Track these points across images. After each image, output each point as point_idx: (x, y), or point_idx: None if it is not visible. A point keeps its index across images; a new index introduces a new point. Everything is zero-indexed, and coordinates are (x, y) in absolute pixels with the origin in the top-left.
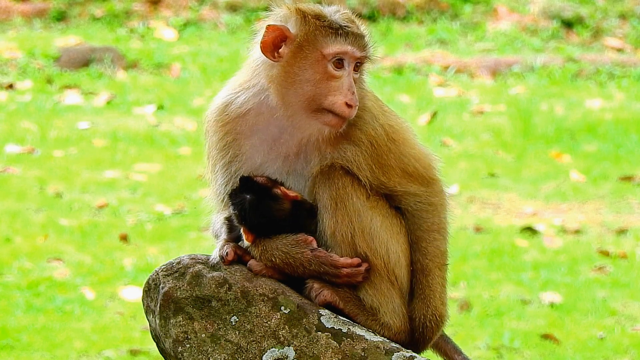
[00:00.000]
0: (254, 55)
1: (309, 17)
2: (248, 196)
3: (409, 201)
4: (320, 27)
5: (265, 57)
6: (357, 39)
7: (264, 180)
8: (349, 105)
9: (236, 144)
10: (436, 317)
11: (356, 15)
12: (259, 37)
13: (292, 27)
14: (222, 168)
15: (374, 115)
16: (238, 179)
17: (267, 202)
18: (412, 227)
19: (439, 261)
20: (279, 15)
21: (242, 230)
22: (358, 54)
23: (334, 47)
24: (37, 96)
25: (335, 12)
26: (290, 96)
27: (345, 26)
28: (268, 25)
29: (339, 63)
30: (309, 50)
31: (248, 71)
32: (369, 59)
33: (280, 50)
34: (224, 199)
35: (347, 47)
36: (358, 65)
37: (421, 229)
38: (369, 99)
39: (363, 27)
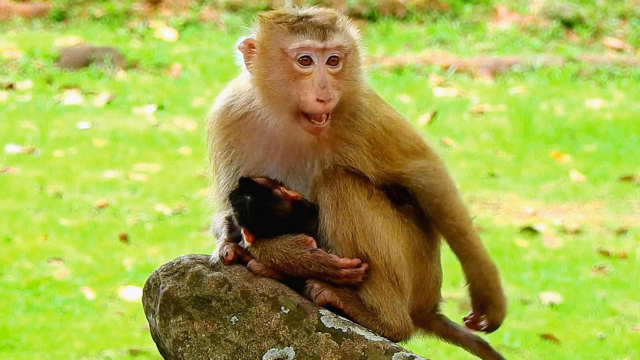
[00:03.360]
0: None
1: (267, 19)
2: (248, 197)
3: (418, 178)
4: (277, 24)
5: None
6: (317, 30)
7: (264, 181)
8: (320, 101)
9: (238, 145)
10: (490, 268)
11: (356, 15)
12: (240, 60)
13: (256, 35)
14: (224, 168)
15: (371, 113)
16: (238, 180)
17: (267, 203)
18: (428, 198)
19: (467, 218)
20: (250, 29)
21: (242, 231)
22: (319, 44)
23: (294, 43)
24: (37, 96)
25: (301, 9)
26: (268, 99)
27: (301, 19)
28: (238, 46)
29: (305, 60)
30: (272, 52)
31: (244, 75)
32: (344, 47)
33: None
34: (225, 198)
35: (306, 40)
36: (335, 58)
37: (437, 196)
38: (365, 94)
39: (333, 18)
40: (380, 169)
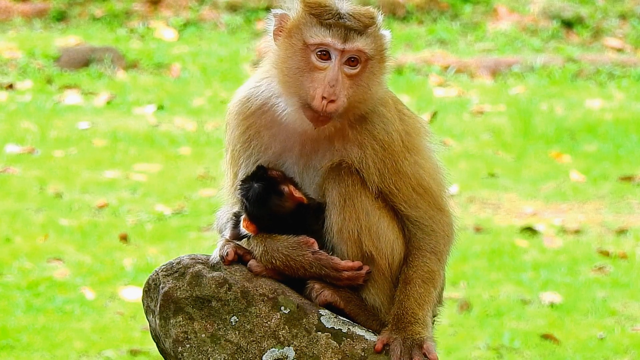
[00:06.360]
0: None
1: (304, 3)
2: (255, 185)
3: (417, 220)
4: (308, 15)
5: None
6: (343, 31)
7: (277, 173)
8: (324, 98)
9: (258, 137)
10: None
11: None
12: (270, 26)
13: (292, 14)
14: (245, 160)
15: (389, 120)
16: (256, 167)
17: (270, 195)
18: (417, 251)
19: (422, 274)
20: (290, 2)
21: (242, 218)
22: (339, 46)
23: (316, 37)
24: (37, 96)
25: (345, 3)
26: (282, 84)
27: (332, 16)
28: (273, 12)
29: (324, 55)
30: (296, 39)
31: (267, 62)
32: (365, 52)
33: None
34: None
35: (327, 38)
36: (354, 60)
37: (414, 246)
38: (384, 102)
39: (367, 23)
40: (386, 184)
